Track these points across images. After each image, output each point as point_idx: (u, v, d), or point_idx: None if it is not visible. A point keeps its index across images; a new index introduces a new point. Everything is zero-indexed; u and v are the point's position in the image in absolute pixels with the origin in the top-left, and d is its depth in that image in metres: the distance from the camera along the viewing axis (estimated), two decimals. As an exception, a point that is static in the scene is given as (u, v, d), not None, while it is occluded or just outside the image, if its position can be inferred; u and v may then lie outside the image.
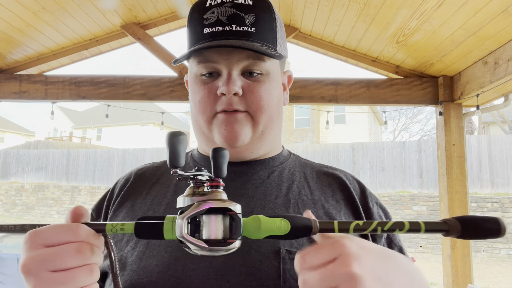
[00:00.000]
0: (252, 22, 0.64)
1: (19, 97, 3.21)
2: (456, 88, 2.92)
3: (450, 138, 2.96)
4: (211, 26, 0.63)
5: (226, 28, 0.62)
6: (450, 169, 2.93)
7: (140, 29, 3.12)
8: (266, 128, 0.68)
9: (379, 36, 2.71)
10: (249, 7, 0.64)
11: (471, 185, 9.58)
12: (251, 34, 0.63)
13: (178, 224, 0.43)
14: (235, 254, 0.56)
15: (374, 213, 0.70)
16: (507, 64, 2.29)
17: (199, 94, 0.67)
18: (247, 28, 0.63)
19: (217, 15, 0.63)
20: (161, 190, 0.71)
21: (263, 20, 0.65)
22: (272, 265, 0.57)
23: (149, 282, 0.57)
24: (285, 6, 2.86)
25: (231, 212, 0.44)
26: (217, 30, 0.63)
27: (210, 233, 0.43)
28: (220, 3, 0.64)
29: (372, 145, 11.38)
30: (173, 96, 3.16)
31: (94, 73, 3.30)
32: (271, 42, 0.66)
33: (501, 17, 2.05)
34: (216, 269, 0.57)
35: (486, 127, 18.86)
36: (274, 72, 0.68)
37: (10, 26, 2.65)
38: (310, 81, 3.16)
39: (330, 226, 0.44)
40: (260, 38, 0.64)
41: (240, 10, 0.64)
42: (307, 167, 0.75)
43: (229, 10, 0.63)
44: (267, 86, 0.66)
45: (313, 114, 17.99)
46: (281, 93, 0.72)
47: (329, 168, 0.76)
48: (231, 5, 0.64)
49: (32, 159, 14.98)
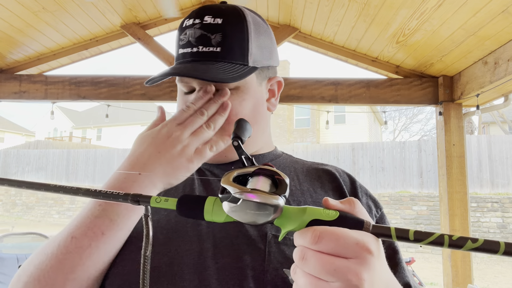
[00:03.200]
0: (218, 42, 0.66)
1: (19, 97, 3.21)
2: (456, 88, 2.92)
3: (450, 138, 2.96)
4: (184, 47, 0.68)
5: (194, 50, 0.67)
6: (450, 169, 2.93)
7: (140, 29, 3.12)
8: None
9: (379, 36, 2.71)
10: (216, 27, 0.67)
11: (471, 185, 9.58)
12: (217, 54, 0.66)
13: (229, 176, 0.45)
14: (225, 238, 0.60)
15: (363, 203, 0.71)
16: (507, 64, 2.29)
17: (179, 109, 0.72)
18: (213, 48, 0.66)
19: (188, 36, 0.68)
20: None
21: (231, 37, 0.67)
22: (258, 248, 0.59)
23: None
24: (285, 6, 2.86)
25: (279, 176, 0.46)
26: (187, 51, 0.67)
27: (257, 185, 0.44)
28: (191, 24, 0.68)
29: (372, 145, 11.38)
30: (173, 96, 3.16)
31: (94, 73, 3.30)
32: (239, 57, 0.68)
33: (501, 17, 2.05)
34: (207, 251, 0.59)
35: (486, 127, 18.86)
36: (245, 84, 0.70)
37: (10, 26, 2.65)
38: (310, 81, 3.16)
39: (387, 232, 0.39)
40: (227, 57, 0.67)
41: (208, 31, 0.67)
42: (298, 164, 0.78)
43: (197, 32, 0.67)
44: (235, 101, 0.69)
45: (313, 114, 18.00)
46: (258, 101, 0.74)
47: (319, 164, 0.79)
48: (200, 26, 0.67)
49: (32, 159, 14.98)
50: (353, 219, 0.41)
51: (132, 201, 0.46)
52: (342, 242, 0.38)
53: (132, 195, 0.46)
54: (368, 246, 0.39)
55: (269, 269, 0.58)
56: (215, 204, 0.45)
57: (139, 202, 0.46)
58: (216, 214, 0.45)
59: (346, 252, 0.38)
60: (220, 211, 0.44)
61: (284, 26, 3.11)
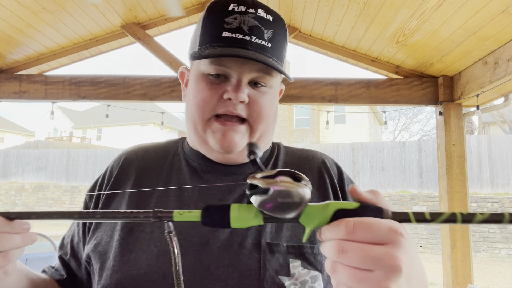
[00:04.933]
0: (269, 38, 0.66)
1: (19, 97, 3.21)
2: (456, 88, 2.92)
3: (450, 138, 2.96)
4: (232, 32, 0.64)
5: (246, 38, 0.64)
6: (450, 169, 2.93)
7: (140, 29, 3.12)
8: (262, 136, 0.71)
9: (379, 36, 2.71)
10: (269, 22, 0.66)
11: (471, 185, 9.58)
12: (267, 49, 0.65)
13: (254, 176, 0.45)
14: (219, 248, 0.61)
15: (349, 197, 0.73)
16: (507, 64, 2.29)
17: (203, 93, 0.67)
18: (265, 43, 0.65)
19: (239, 22, 0.64)
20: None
21: (279, 37, 0.68)
22: (253, 257, 0.60)
23: (138, 274, 0.60)
24: (285, 6, 2.86)
25: (299, 175, 0.46)
26: (237, 37, 0.64)
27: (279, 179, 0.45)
28: (243, 11, 0.65)
29: (372, 145, 11.38)
30: (173, 96, 3.16)
31: (94, 73, 3.30)
32: (281, 59, 0.68)
33: (501, 17, 2.05)
34: (201, 262, 0.60)
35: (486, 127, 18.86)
36: (275, 86, 0.72)
37: (10, 26, 2.65)
38: (310, 81, 3.16)
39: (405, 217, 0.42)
40: (274, 55, 0.66)
41: (262, 24, 0.65)
42: (288, 156, 0.79)
43: (252, 21, 0.65)
44: (269, 98, 0.69)
45: (313, 114, 17.99)
46: (277, 106, 0.76)
47: (309, 152, 0.80)
48: (254, 16, 0.65)
49: (32, 159, 14.97)
50: (374, 207, 0.42)
51: (154, 218, 0.45)
52: (376, 229, 0.39)
53: (153, 212, 0.45)
54: (400, 230, 0.40)
55: (265, 277, 0.58)
56: (240, 210, 0.45)
57: (161, 219, 0.45)
58: (242, 220, 0.44)
59: (382, 238, 0.39)
60: (246, 217, 0.44)
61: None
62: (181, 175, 0.73)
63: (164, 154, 0.77)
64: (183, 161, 0.75)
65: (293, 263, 0.61)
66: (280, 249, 0.62)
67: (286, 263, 0.61)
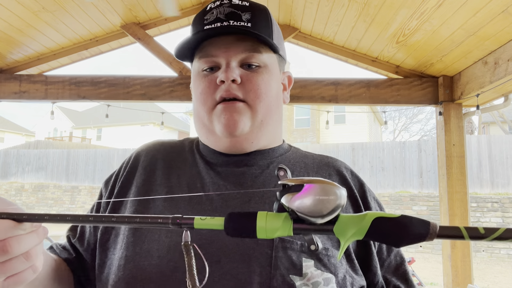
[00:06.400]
0: (248, 19, 0.68)
1: (19, 97, 3.21)
2: (456, 88, 2.92)
3: (450, 138, 2.96)
4: (210, 24, 0.67)
5: (224, 24, 0.66)
6: (450, 169, 2.93)
7: (140, 29, 3.12)
8: (265, 118, 0.70)
9: (379, 36, 2.71)
10: (245, 7, 0.69)
11: (471, 185, 9.58)
12: (248, 28, 0.67)
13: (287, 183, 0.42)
14: (231, 242, 0.59)
15: (372, 208, 0.71)
16: (507, 64, 2.29)
17: (200, 87, 0.70)
18: (244, 23, 0.67)
19: (216, 14, 0.68)
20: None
21: (259, 18, 0.69)
22: (265, 253, 0.58)
23: (149, 265, 0.60)
24: (285, 6, 2.86)
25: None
26: (216, 26, 0.66)
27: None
28: (218, 4, 0.69)
29: (372, 145, 11.38)
30: (173, 96, 3.16)
31: (94, 73, 3.30)
32: (267, 36, 0.69)
33: (501, 17, 2.05)
34: (212, 255, 0.58)
35: (486, 127, 18.86)
36: (271, 65, 0.71)
37: (10, 26, 2.65)
38: (310, 81, 3.16)
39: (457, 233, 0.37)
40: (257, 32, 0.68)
41: (237, 9, 0.68)
42: (308, 158, 0.77)
43: (227, 9, 0.68)
44: (264, 77, 0.69)
45: (313, 114, 17.99)
46: (279, 88, 0.75)
47: (330, 159, 0.77)
48: (229, 5, 0.68)
49: (32, 159, 14.98)
50: (418, 220, 0.39)
51: (173, 225, 0.43)
52: None
53: (172, 218, 0.44)
54: None
55: (276, 275, 0.57)
56: (268, 218, 0.40)
57: (180, 226, 0.43)
58: (269, 230, 0.40)
59: None
60: (273, 225, 0.40)
61: (284, 26, 3.11)
62: (196, 167, 0.73)
63: (179, 150, 0.79)
64: (197, 155, 0.76)
65: (306, 262, 0.59)
66: (293, 247, 0.59)
67: (299, 262, 0.59)
